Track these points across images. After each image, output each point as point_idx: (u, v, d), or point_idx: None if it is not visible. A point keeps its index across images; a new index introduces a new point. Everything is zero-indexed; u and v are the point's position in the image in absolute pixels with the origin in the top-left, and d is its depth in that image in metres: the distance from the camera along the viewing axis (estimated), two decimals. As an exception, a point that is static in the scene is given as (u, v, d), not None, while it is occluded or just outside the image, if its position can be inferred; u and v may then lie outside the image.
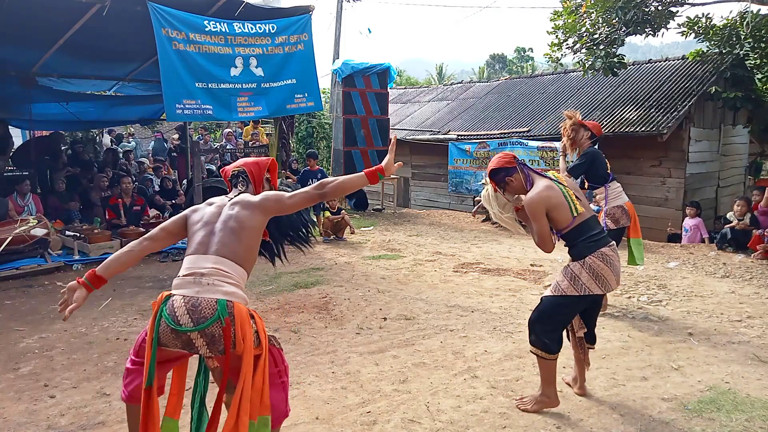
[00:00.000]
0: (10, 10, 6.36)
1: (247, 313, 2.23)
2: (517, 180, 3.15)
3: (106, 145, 13.31)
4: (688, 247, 8.04)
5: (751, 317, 4.81)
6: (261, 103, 7.65)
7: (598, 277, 3.02)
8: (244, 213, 2.40)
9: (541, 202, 3.02)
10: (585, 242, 3.06)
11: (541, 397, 3.16)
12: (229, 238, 2.34)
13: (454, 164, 13.32)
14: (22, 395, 3.45)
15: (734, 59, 10.52)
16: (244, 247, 2.36)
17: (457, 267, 6.70)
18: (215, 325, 2.14)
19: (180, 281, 2.28)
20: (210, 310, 2.16)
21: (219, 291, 2.21)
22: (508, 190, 3.20)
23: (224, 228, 2.37)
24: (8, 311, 5.15)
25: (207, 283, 2.23)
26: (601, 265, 3.02)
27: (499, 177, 3.19)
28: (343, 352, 4.05)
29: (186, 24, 6.90)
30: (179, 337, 2.17)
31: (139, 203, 8.34)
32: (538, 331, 3.10)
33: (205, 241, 2.35)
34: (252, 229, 2.40)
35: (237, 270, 2.31)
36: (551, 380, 3.13)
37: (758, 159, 12.65)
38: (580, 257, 3.06)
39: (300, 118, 16.79)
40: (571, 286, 3.04)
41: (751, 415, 3.11)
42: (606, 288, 3.05)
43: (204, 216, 2.45)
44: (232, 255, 2.31)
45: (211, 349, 2.17)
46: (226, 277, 2.26)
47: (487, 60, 44.12)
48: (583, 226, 3.07)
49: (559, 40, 10.70)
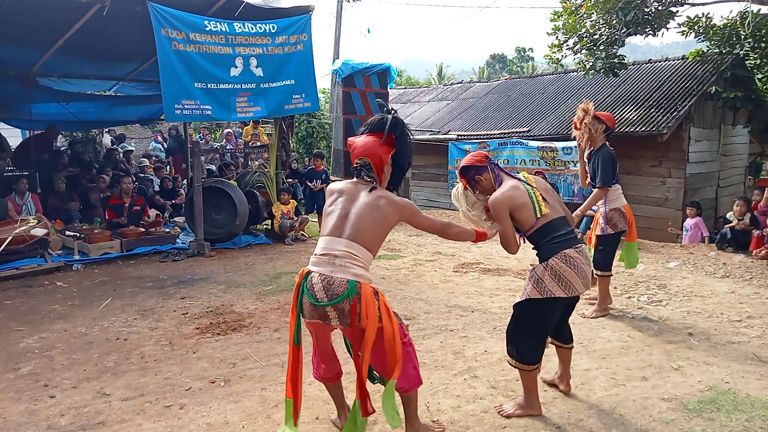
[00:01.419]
0: (10, 10, 6.37)
1: (371, 292, 2.55)
2: (486, 179, 3.15)
3: (106, 145, 13.31)
4: (688, 247, 8.04)
5: (751, 317, 4.81)
6: (260, 103, 7.66)
7: (561, 280, 2.94)
8: (389, 210, 2.67)
9: (505, 202, 3.00)
10: (548, 244, 3.00)
11: (523, 403, 3.12)
12: (363, 225, 2.62)
13: (454, 164, 13.31)
14: (22, 395, 3.44)
15: (734, 59, 10.51)
16: (377, 236, 2.66)
17: (457, 267, 6.70)
18: (345, 301, 2.50)
19: (317, 260, 2.62)
20: (342, 288, 2.50)
21: (349, 272, 2.54)
22: (478, 189, 3.19)
23: (360, 215, 2.63)
24: (8, 311, 5.14)
25: (340, 264, 2.55)
26: (564, 266, 2.94)
27: (469, 175, 3.19)
28: (343, 352, 4.05)
29: (186, 24, 6.90)
30: (316, 309, 2.55)
31: (139, 203, 8.35)
32: (513, 341, 3.07)
33: (340, 225, 2.64)
34: (389, 225, 2.70)
35: (365, 254, 2.62)
36: (532, 389, 3.10)
37: (758, 159, 12.65)
38: (543, 259, 3.00)
39: (300, 118, 16.78)
40: (535, 289, 2.98)
41: (751, 415, 3.11)
42: (570, 291, 2.96)
43: (338, 201, 2.72)
44: (362, 240, 2.60)
45: (341, 321, 2.55)
46: (355, 259, 2.57)
47: (487, 60, 44.13)
48: (547, 227, 3.00)
49: (560, 41, 10.69)
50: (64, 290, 5.85)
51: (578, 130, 4.88)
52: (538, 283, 2.98)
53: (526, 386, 3.10)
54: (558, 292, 2.94)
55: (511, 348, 3.08)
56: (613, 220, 4.86)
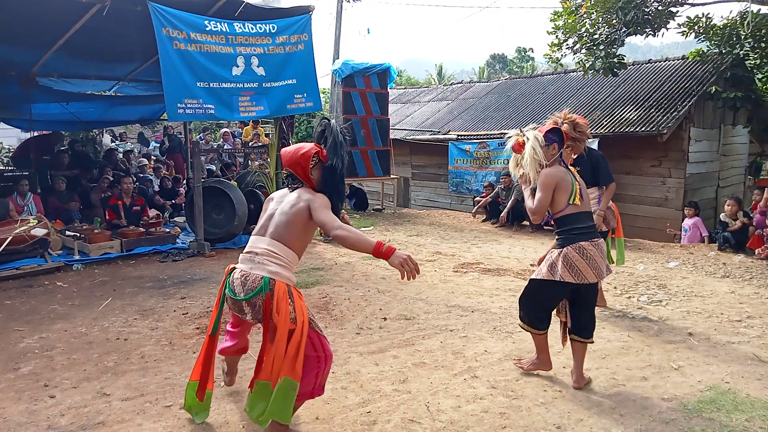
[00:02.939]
0: (10, 10, 6.37)
1: (285, 290, 2.66)
2: (554, 151, 3.38)
3: (106, 145, 13.31)
4: (688, 247, 8.04)
5: (751, 317, 4.81)
6: (262, 102, 7.65)
7: (572, 268, 3.27)
8: (302, 204, 2.77)
9: (555, 177, 3.31)
10: (569, 232, 3.33)
11: (536, 360, 3.60)
12: (283, 223, 2.76)
13: (454, 164, 13.33)
14: (22, 395, 3.44)
15: (734, 59, 10.52)
16: (295, 232, 2.76)
17: (457, 267, 6.70)
18: (258, 296, 2.65)
19: (241, 257, 2.81)
20: (255, 284, 2.65)
21: (265, 269, 2.68)
22: (545, 150, 3.36)
23: (281, 214, 2.80)
24: (8, 311, 5.14)
25: (258, 261, 2.71)
26: (576, 256, 3.28)
27: (554, 136, 3.41)
28: (343, 352, 4.05)
29: (187, 23, 6.90)
30: (235, 303, 2.74)
31: (139, 203, 8.35)
32: (525, 309, 3.51)
33: (265, 225, 2.82)
34: (304, 220, 2.75)
35: (287, 252, 2.74)
36: (543, 349, 3.55)
37: (758, 159, 12.65)
38: (561, 246, 3.34)
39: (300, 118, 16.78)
40: (549, 271, 3.35)
41: (751, 415, 3.11)
42: (580, 278, 3.28)
43: (270, 205, 2.91)
44: (283, 239, 2.74)
45: (254, 316, 2.72)
46: (274, 257, 2.71)
47: (487, 60, 44.12)
48: (572, 217, 3.34)
49: (559, 41, 10.70)
50: (64, 290, 5.86)
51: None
52: (552, 267, 3.34)
53: (537, 347, 3.56)
54: (568, 278, 3.28)
55: (523, 314, 3.53)
56: (607, 217, 5.00)
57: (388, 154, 12.01)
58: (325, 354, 2.80)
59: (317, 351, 2.77)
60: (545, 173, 3.31)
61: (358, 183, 12.57)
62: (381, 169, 11.88)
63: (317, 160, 2.88)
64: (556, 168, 3.36)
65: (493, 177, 11.96)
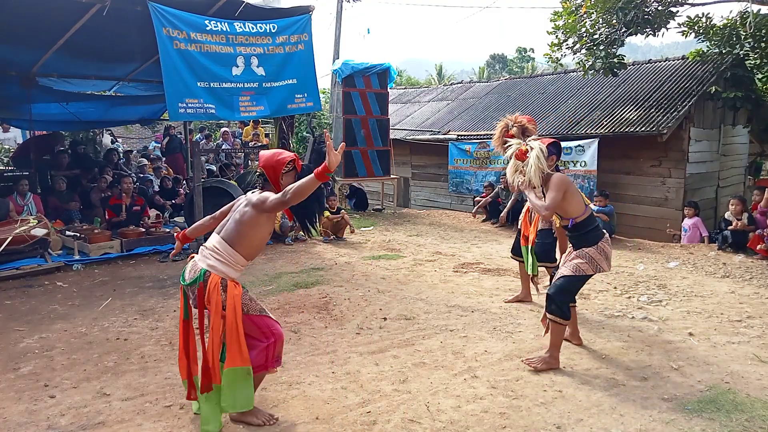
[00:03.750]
0: (10, 10, 6.36)
1: (218, 283, 2.89)
2: (551, 162, 3.82)
3: (106, 145, 13.30)
4: (688, 247, 8.04)
5: (751, 317, 4.81)
6: (263, 102, 7.64)
7: (608, 258, 3.77)
8: (246, 209, 2.99)
9: (566, 182, 3.72)
10: (594, 231, 3.77)
11: (549, 358, 3.74)
12: (231, 225, 3.02)
13: (454, 164, 13.32)
14: (22, 395, 3.45)
15: (734, 59, 10.51)
16: (240, 233, 2.96)
17: (457, 267, 6.70)
18: (194, 285, 2.94)
19: (200, 249, 3.07)
20: (195, 274, 2.95)
21: (206, 263, 2.95)
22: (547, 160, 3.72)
23: (233, 216, 3.05)
24: (8, 311, 5.14)
25: (204, 255, 3.00)
26: (608, 248, 3.79)
27: (553, 149, 3.89)
28: (343, 352, 4.05)
29: (187, 23, 6.89)
30: (186, 288, 3.00)
31: (139, 203, 8.34)
32: (558, 301, 3.71)
33: (223, 224, 3.09)
34: (248, 222, 2.96)
35: (228, 250, 2.96)
36: (558, 344, 3.78)
37: (758, 159, 12.65)
38: (593, 243, 3.73)
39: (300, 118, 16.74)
40: (590, 267, 3.71)
41: (751, 415, 3.11)
42: (610, 266, 3.82)
43: (236, 205, 3.13)
44: (228, 238, 2.98)
45: (193, 301, 2.99)
46: (216, 253, 2.96)
47: (487, 60, 44.10)
48: (591, 217, 3.81)
49: (559, 41, 10.69)
50: (64, 290, 5.86)
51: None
52: (591, 262, 3.71)
53: (554, 343, 3.76)
54: (605, 267, 3.76)
55: (555, 307, 3.72)
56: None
57: (388, 154, 12.01)
58: (275, 338, 3.00)
59: (266, 336, 2.99)
60: (558, 177, 3.70)
61: (358, 183, 12.57)
62: (381, 169, 11.88)
63: (292, 168, 3.06)
64: (562, 174, 3.76)
65: (493, 177, 11.96)
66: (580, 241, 3.79)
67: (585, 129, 10.93)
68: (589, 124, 11.07)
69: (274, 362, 3.03)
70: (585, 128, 10.96)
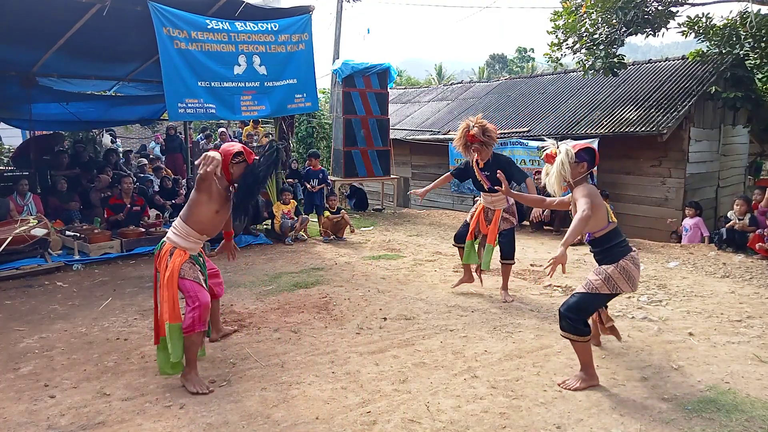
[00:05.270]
0: (10, 10, 6.36)
1: (168, 250, 3.58)
2: (582, 169, 3.47)
3: (106, 145, 13.29)
4: (688, 247, 8.04)
5: (751, 317, 4.81)
6: (264, 102, 7.64)
7: (630, 278, 3.42)
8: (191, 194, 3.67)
9: (594, 193, 3.43)
10: (617, 247, 3.45)
11: (584, 376, 3.49)
12: (185, 207, 3.71)
13: (454, 164, 13.32)
14: (22, 395, 3.45)
15: (734, 59, 10.51)
16: (187, 210, 3.65)
17: (457, 267, 6.69)
18: (156, 251, 3.66)
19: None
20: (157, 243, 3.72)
21: (166, 236, 3.68)
22: (573, 167, 3.44)
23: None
24: (8, 311, 5.14)
25: (168, 229, 3.73)
26: (632, 266, 3.43)
27: (585, 155, 3.50)
28: (343, 352, 4.05)
29: (187, 23, 6.89)
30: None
31: (139, 203, 8.34)
32: (571, 319, 3.43)
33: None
34: (193, 201, 3.63)
35: (181, 224, 3.65)
36: (588, 360, 3.49)
37: (758, 159, 12.65)
38: (614, 260, 3.43)
39: (300, 118, 16.77)
40: (605, 285, 3.41)
41: (751, 415, 3.11)
42: (633, 287, 3.47)
43: None
44: (182, 215, 3.68)
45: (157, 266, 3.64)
46: (174, 227, 3.68)
47: (487, 60, 44.11)
48: (615, 231, 3.49)
49: (559, 40, 10.69)
50: (64, 290, 5.85)
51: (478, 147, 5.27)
52: (608, 280, 3.41)
53: (583, 360, 3.49)
54: (625, 288, 3.43)
55: (567, 324, 3.45)
56: (515, 212, 5.44)
57: (388, 154, 12.02)
58: (199, 303, 3.46)
59: (192, 301, 3.46)
60: (589, 187, 3.45)
61: (358, 183, 12.57)
62: (381, 169, 11.89)
63: (242, 160, 3.62)
64: (591, 187, 3.47)
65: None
66: (600, 256, 3.51)
67: (585, 129, 10.93)
68: (589, 124, 11.08)
69: (201, 325, 3.47)
70: (585, 128, 10.96)
